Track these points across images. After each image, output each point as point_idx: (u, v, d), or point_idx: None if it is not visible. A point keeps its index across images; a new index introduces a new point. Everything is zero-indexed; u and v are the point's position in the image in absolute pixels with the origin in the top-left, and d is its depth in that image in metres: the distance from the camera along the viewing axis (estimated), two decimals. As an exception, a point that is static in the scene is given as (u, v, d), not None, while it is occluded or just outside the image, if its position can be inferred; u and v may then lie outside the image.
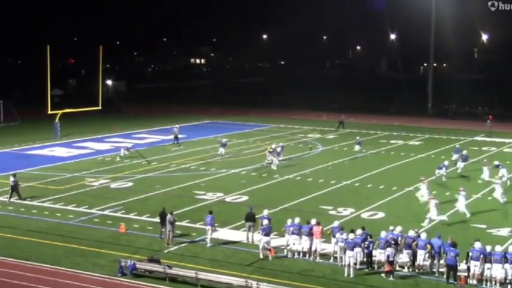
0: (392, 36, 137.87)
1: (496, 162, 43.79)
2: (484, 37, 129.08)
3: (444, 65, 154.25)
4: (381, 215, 34.60)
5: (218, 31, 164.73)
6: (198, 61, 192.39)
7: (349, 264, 25.68)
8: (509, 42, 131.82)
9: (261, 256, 27.35)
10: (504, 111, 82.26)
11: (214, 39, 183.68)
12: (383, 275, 25.65)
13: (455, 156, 47.89)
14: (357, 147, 53.37)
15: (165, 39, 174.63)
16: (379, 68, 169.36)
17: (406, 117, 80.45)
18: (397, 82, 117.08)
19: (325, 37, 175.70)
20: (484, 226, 32.21)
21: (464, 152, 47.40)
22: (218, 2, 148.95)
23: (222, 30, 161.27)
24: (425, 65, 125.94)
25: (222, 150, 50.66)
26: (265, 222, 28.00)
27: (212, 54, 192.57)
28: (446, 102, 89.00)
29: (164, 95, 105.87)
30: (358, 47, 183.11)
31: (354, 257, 25.79)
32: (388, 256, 25.68)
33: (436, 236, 26.47)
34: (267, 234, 27.51)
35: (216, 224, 29.67)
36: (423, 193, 36.27)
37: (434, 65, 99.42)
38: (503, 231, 31.44)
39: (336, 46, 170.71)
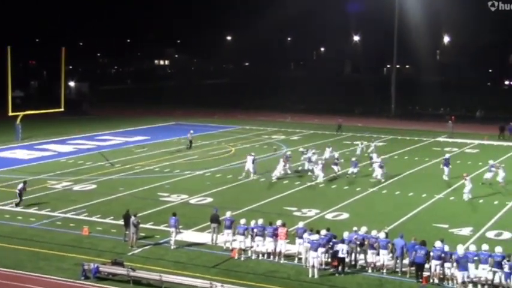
0: (356, 38, 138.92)
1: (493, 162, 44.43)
2: (446, 39, 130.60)
3: (407, 66, 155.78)
4: (345, 215, 34.75)
5: (182, 32, 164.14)
6: (162, 62, 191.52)
7: (313, 265, 25.74)
8: (471, 44, 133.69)
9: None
10: (466, 112, 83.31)
11: (178, 41, 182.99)
12: (332, 269, 25.97)
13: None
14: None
15: (128, 41, 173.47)
16: (343, 70, 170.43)
17: (370, 118, 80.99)
18: (360, 83, 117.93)
19: (289, 38, 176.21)
20: (446, 226, 32.54)
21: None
22: (182, 3, 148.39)
23: (187, 32, 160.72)
24: (388, 66, 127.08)
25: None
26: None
27: (176, 56, 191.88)
28: (410, 103, 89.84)
29: (128, 97, 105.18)
30: (322, 49, 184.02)
31: (318, 257, 25.85)
32: (337, 252, 25.89)
33: (398, 236, 26.69)
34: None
35: (180, 226, 29.51)
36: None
37: (398, 66, 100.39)
38: (465, 231, 31.79)
39: (300, 48, 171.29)
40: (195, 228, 31.72)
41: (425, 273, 25.40)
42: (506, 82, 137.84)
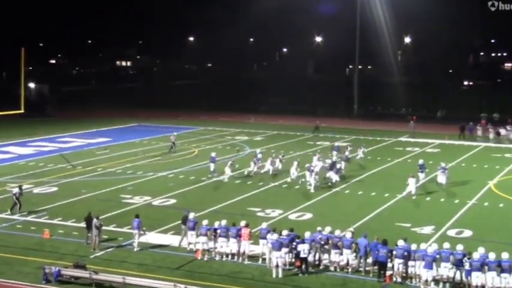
0: (319, 39, 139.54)
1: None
2: (407, 40, 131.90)
3: (369, 67, 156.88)
4: (308, 216, 34.86)
5: (144, 33, 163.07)
6: (124, 63, 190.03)
7: (277, 265, 25.76)
8: (432, 45, 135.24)
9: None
10: (427, 112, 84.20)
11: (140, 42, 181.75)
12: (295, 269, 26.08)
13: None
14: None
15: (89, 41, 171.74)
16: (306, 70, 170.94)
17: (333, 119, 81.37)
18: (323, 84, 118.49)
19: (251, 39, 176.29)
20: (408, 225, 32.84)
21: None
22: (143, 3, 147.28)
23: (148, 32, 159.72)
24: (350, 67, 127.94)
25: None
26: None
27: (138, 57, 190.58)
28: (372, 103, 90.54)
29: (90, 98, 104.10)
30: (285, 50, 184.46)
31: (281, 257, 25.88)
32: (299, 252, 25.97)
33: (362, 236, 26.86)
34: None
35: (143, 228, 29.33)
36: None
37: (360, 67, 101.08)
38: (427, 230, 32.13)
39: (263, 48, 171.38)
40: (158, 229, 31.53)
41: (389, 272, 25.60)
42: (466, 82, 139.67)
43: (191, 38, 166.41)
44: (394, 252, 25.59)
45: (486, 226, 33.32)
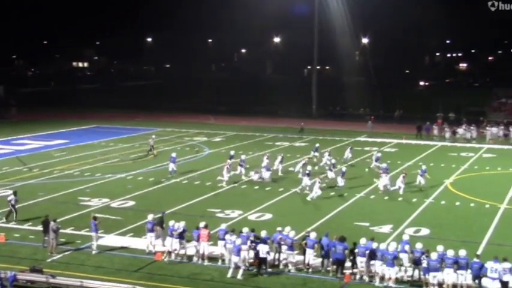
0: (277, 40, 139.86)
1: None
2: (365, 40, 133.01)
3: (327, 67, 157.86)
4: (268, 216, 34.88)
5: (101, 34, 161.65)
6: (80, 64, 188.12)
7: (237, 266, 25.71)
8: (389, 46, 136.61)
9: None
10: (385, 112, 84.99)
11: (97, 42, 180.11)
12: (255, 270, 26.13)
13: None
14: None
15: (45, 42, 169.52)
16: (265, 71, 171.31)
17: (291, 119, 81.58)
18: (282, 84, 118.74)
19: (210, 40, 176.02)
20: (367, 224, 33.09)
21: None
22: (100, 3, 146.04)
23: (106, 33, 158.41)
24: (309, 67, 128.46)
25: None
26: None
27: (96, 58, 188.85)
28: (330, 104, 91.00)
29: (47, 99, 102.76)
30: (243, 50, 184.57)
31: (241, 258, 25.84)
32: (259, 252, 26.02)
33: (324, 235, 26.98)
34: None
35: (101, 230, 28.99)
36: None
37: (318, 67, 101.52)
38: (385, 229, 32.41)
39: (222, 49, 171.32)
40: (117, 232, 31.24)
41: (349, 271, 25.76)
42: (422, 83, 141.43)
43: (149, 39, 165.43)
44: (356, 251, 25.78)
45: (443, 224, 33.75)
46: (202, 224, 27.88)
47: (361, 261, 25.66)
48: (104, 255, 28.03)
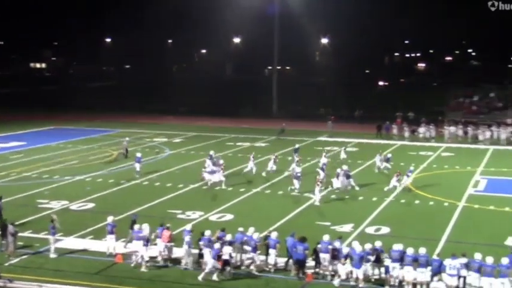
0: (237, 40, 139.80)
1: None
2: (325, 40, 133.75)
3: (288, 67, 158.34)
4: (229, 216, 34.79)
5: (59, 34, 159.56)
6: (38, 65, 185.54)
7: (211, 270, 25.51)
8: (348, 46, 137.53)
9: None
10: (345, 112, 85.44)
11: (55, 43, 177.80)
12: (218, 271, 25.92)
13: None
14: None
15: (1, 43, 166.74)
16: (225, 71, 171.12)
17: (252, 119, 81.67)
18: (243, 85, 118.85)
19: (170, 41, 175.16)
20: (328, 223, 33.19)
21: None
22: (57, 3, 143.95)
23: (64, 34, 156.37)
24: (269, 67, 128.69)
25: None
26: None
27: (54, 59, 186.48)
28: (291, 104, 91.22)
29: (3, 101, 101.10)
30: (204, 51, 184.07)
31: (207, 260, 25.74)
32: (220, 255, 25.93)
33: (289, 235, 26.98)
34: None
35: (59, 234, 28.61)
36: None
37: (279, 67, 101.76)
38: (346, 227, 32.56)
39: (182, 50, 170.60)
40: (76, 234, 30.84)
41: (311, 271, 25.81)
42: (381, 83, 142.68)
43: (108, 40, 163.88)
44: (319, 246, 25.93)
45: (403, 222, 34.03)
46: (163, 226, 27.67)
47: (323, 257, 25.73)
48: (63, 258, 27.64)
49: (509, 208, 37.29)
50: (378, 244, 25.73)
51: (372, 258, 25.24)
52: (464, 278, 24.32)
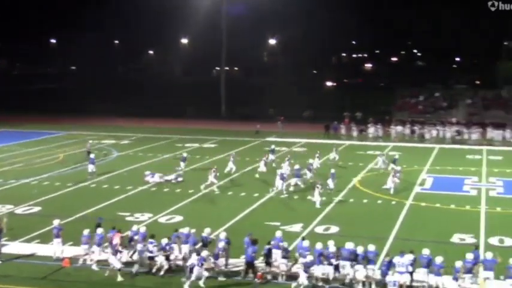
0: (185, 40, 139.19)
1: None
2: (272, 41, 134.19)
3: (236, 68, 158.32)
4: (179, 218, 34.54)
5: (2, 35, 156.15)
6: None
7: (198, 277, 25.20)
8: (296, 46, 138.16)
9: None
10: (293, 112, 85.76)
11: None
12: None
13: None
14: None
15: None
16: (173, 72, 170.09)
17: (201, 120, 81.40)
18: (191, 86, 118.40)
19: (116, 41, 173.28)
20: (278, 223, 33.21)
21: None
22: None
23: (7, 35, 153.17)
24: (217, 68, 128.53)
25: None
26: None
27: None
28: (239, 104, 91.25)
29: None
30: (151, 52, 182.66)
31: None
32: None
33: (246, 235, 26.98)
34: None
35: (4, 238, 28.01)
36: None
37: (227, 68, 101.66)
38: (296, 227, 32.64)
39: (129, 50, 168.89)
40: (22, 239, 30.21)
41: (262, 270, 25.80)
42: (329, 83, 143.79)
43: (53, 40, 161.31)
44: (272, 243, 26.05)
45: (352, 221, 34.28)
46: (113, 229, 27.35)
47: (275, 252, 25.75)
48: (9, 264, 27.03)
49: (454, 205, 37.93)
50: (331, 244, 25.83)
51: (334, 261, 25.30)
52: (411, 273, 24.63)
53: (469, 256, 24.85)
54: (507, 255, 25.51)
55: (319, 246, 25.63)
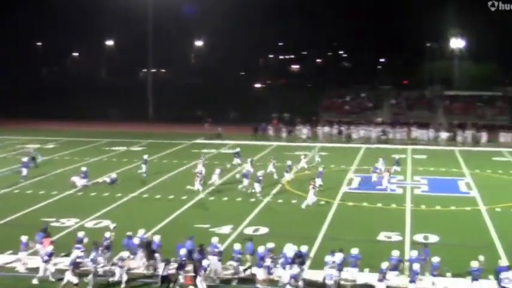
0: (111, 42, 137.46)
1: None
2: (200, 43, 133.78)
3: (163, 70, 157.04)
4: (106, 222, 33.91)
5: None
6: None
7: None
8: (224, 47, 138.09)
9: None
10: (221, 114, 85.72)
11: None
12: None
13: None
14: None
15: None
16: (99, 75, 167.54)
17: (128, 123, 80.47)
18: (117, 88, 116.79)
19: (39, 43, 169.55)
20: (207, 226, 33.03)
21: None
22: None
23: None
24: (144, 70, 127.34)
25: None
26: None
27: None
28: (167, 107, 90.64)
29: None
30: (76, 54, 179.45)
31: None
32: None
33: (187, 238, 26.82)
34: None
35: None
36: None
37: (154, 70, 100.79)
38: (225, 229, 32.52)
39: (52, 53, 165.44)
40: None
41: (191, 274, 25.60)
42: (257, 84, 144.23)
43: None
44: (208, 249, 25.92)
45: (281, 222, 34.39)
46: (41, 232, 26.69)
47: (211, 258, 25.62)
48: None
49: (381, 204, 38.53)
50: (270, 245, 25.80)
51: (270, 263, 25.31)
52: (340, 271, 24.85)
53: (395, 253, 25.28)
54: (431, 251, 26.08)
55: (261, 250, 25.55)
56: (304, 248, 25.55)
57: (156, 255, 26.24)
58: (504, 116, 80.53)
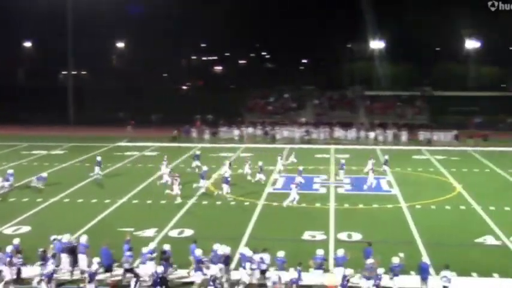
0: (28, 44, 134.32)
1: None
2: (121, 44, 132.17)
3: (83, 72, 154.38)
4: (26, 228, 33.03)
5: None
6: None
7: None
8: (145, 49, 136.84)
9: None
10: (144, 116, 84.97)
11: None
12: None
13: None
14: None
15: None
16: (17, 77, 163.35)
17: (48, 126, 78.76)
18: (36, 91, 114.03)
19: None
20: (131, 229, 32.56)
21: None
22: None
23: None
24: (64, 72, 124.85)
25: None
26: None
27: None
28: (88, 109, 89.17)
29: None
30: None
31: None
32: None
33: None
34: None
35: None
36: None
37: (74, 72, 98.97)
38: (149, 232, 32.17)
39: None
40: None
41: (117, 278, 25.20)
42: (180, 86, 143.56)
43: None
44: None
45: (207, 224, 34.27)
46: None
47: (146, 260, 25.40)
48: None
49: (305, 204, 38.81)
50: (216, 247, 25.60)
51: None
52: (264, 271, 24.96)
53: (319, 252, 25.50)
54: (355, 249, 26.47)
55: (198, 252, 25.33)
56: (227, 249, 25.52)
57: (82, 256, 25.76)
58: (423, 115, 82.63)
